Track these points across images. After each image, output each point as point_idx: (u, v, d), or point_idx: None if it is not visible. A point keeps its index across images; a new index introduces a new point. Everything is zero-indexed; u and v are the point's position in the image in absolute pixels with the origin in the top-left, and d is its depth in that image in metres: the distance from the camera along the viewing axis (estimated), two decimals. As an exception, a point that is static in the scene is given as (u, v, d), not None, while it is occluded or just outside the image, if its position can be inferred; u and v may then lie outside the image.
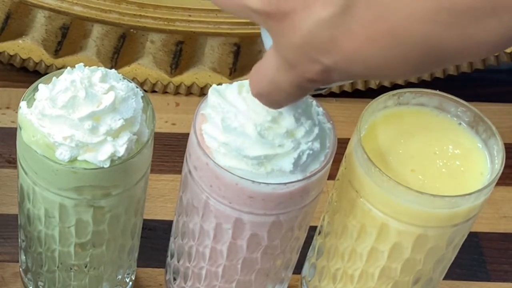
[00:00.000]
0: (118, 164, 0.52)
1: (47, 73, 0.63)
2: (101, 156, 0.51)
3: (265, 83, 0.43)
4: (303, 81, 0.41)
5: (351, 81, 0.41)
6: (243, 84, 0.52)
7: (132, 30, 0.79)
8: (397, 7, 0.36)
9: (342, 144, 0.55)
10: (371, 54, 0.38)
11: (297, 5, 0.38)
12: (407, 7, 0.36)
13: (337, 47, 0.38)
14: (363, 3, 0.37)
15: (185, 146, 0.55)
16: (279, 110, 0.50)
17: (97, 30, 0.79)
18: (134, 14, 0.78)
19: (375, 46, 0.37)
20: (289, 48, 0.40)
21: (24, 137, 0.52)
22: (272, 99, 0.44)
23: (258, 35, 0.78)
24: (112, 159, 0.51)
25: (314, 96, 0.48)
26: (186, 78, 0.81)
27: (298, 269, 0.64)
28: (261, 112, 0.50)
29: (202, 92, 0.80)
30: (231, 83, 0.53)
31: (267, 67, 0.43)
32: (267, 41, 0.42)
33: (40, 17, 0.80)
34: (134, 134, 0.52)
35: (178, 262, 0.61)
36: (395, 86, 0.78)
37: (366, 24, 0.37)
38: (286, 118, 0.50)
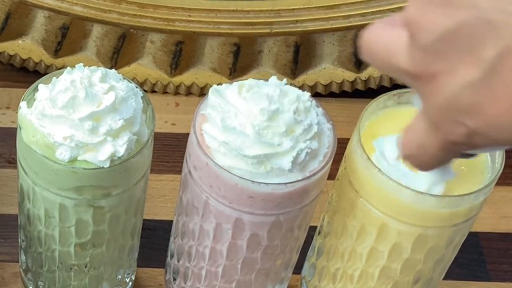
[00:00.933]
0: (118, 164, 0.52)
1: (47, 73, 0.63)
2: (101, 156, 0.51)
3: (414, 146, 0.43)
4: (448, 144, 0.41)
5: (498, 148, 0.41)
6: (243, 84, 0.52)
7: (132, 30, 0.79)
8: None
9: (342, 144, 0.55)
10: None
11: (444, 67, 0.38)
12: None
13: (481, 111, 0.38)
14: (509, 68, 0.36)
15: (185, 146, 0.55)
16: (278, 109, 0.50)
17: (97, 30, 0.79)
18: (134, 14, 0.78)
19: None
20: (434, 110, 0.40)
21: (24, 137, 0.52)
22: (421, 161, 0.44)
23: (258, 35, 0.78)
24: (112, 159, 0.51)
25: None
26: (186, 78, 0.81)
27: (298, 269, 0.64)
28: (260, 111, 0.50)
29: (202, 92, 0.80)
30: (231, 83, 0.53)
31: (416, 129, 0.42)
32: (418, 102, 0.43)
33: (40, 17, 0.80)
34: (134, 134, 0.52)
35: (178, 262, 0.61)
36: (395, 86, 0.78)
37: (511, 90, 0.36)
38: (285, 117, 0.51)
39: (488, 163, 0.54)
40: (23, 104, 0.53)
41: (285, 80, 0.53)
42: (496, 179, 0.52)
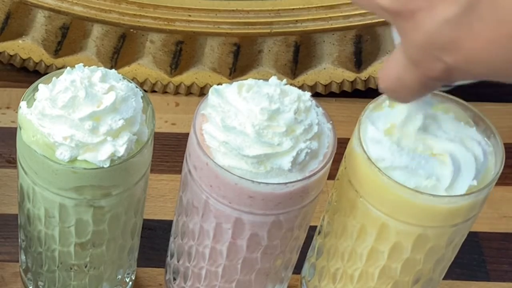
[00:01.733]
0: (118, 164, 0.52)
1: (47, 73, 0.63)
2: (101, 156, 0.51)
3: (392, 79, 0.45)
4: (427, 79, 0.42)
5: (474, 81, 0.42)
6: (243, 84, 0.52)
7: (132, 30, 0.79)
8: None
9: (342, 144, 0.55)
10: (492, 55, 0.38)
11: (423, 4, 0.39)
12: None
13: (459, 47, 0.39)
14: (487, 4, 0.37)
15: (185, 146, 0.55)
16: (279, 109, 0.50)
17: (97, 30, 0.79)
18: (134, 14, 0.78)
19: (497, 48, 0.38)
20: (413, 46, 0.41)
21: (24, 137, 0.52)
22: (398, 95, 0.46)
23: (258, 35, 0.78)
24: (112, 159, 0.51)
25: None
26: (186, 78, 0.81)
27: (298, 269, 0.64)
28: (260, 111, 0.50)
29: (202, 92, 0.80)
30: (230, 83, 0.53)
31: (394, 63, 0.44)
32: (396, 37, 0.44)
33: (40, 17, 0.80)
34: (134, 134, 0.52)
35: (178, 262, 0.61)
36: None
37: (489, 26, 0.37)
38: (285, 117, 0.51)
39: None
40: (23, 104, 0.53)
41: (285, 80, 0.53)
42: (496, 179, 0.52)
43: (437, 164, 0.51)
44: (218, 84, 0.53)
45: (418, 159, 0.51)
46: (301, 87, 0.74)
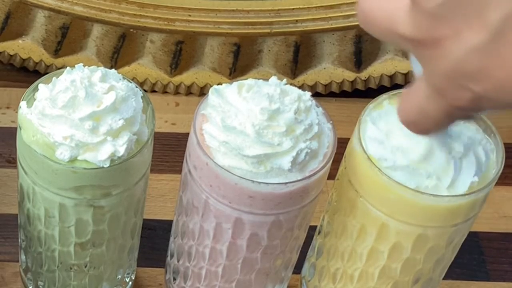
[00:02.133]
0: (118, 164, 0.52)
1: (47, 73, 0.63)
2: (101, 156, 0.51)
3: (414, 112, 0.42)
4: (452, 109, 0.40)
5: (502, 109, 0.41)
6: (243, 84, 0.52)
7: (132, 30, 0.79)
8: None
9: (342, 144, 0.55)
10: None
11: (449, 32, 0.37)
12: None
13: (488, 75, 0.37)
14: None
15: (185, 146, 0.55)
16: (279, 109, 0.50)
17: (97, 30, 0.79)
18: (134, 14, 0.78)
19: None
20: (439, 76, 0.39)
21: (24, 137, 0.52)
22: (421, 127, 0.43)
23: (258, 35, 0.78)
24: (112, 159, 0.51)
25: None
26: (186, 78, 0.81)
27: (298, 269, 0.64)
28: (260, 111, 0.50)
29: (202, 92, 0.80)
30: (230, 83, 0.53)
31: (416, 94, 0.42)
32: (416, 67, 0.42)
33: (40, 17, 0.80)
34: (134, 134, 0.52)
35: (178, 262, 0.61)
36: (395, 86, 0.78)
37: None
38: (285, 116, 0.51)
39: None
40: (23, 104, 0.53)
41: (285, 80, 0.53)
42: (496, 179, 0.52)
43: (437, 164, 0.51)
44: (218, 84, 0.53)
45: (418, 159, 0.51)
46: (301, 87, 0.73)
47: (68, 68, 0.53)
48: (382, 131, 0.53)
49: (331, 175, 0.56)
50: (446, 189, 0.51)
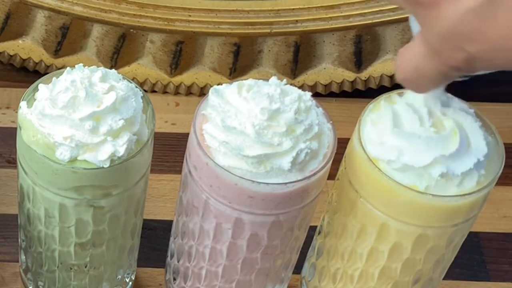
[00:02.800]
0: (118, 164, 0.52)
1: (47, 73, 0.63)
2: (101, 156, 0.51)
3: (410, 69, 0.44)
4: (447, 69, 0.42)
5: (494, 70, 0.42)
6: (243, 84, 0.52)
7: (132, 30, 0.79)
8: None
9: (342, 144, 0.55)
10: None
11: None
12: None
13: (483, 36, 0.39)
14: None
15: (185, 146, 0.55)
16: (279, 109, 0.50)
17: (97, 30, 0.79)
18: (134, 14, 0.78)
19: None
20: (435, 36, 0.41)
21: (24, 137, 0.52)
22: (416, 85, 0.45)
23: (258, 35, 0.78)
24: (112, 159, 0.51)
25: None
26: (186, 78, 0.81)
27: (298, 269, 0.64)
28: (260, 111, 0.50)
29: (202, 92, 0.80)
30: (230, 83, 0.53)
31: (413, 53, 0.44)
32: (415, 27, 0.44)
33: (40, 17, 0.80)
34: (134, 134, 0.52)
35: (178, 262, 0.61)
36: (395, 86, 0.78)
37: None
38: (286, 116, 0.51)
39: None
40: (23, 104, 0.53)
41: (285, 80, 0.53)
42: (496, 179, 0.52)
43: (437, 164, 0.51)
44: (218, 84, 0.53)
45: (418, 159, 0.51)
46: (301, 87, 0.73)
47: (68, 68, 0.53)
48: (382, 131, 0.53)
49: (331, 175, 0.56)
50: (446, 189, 0.51)
